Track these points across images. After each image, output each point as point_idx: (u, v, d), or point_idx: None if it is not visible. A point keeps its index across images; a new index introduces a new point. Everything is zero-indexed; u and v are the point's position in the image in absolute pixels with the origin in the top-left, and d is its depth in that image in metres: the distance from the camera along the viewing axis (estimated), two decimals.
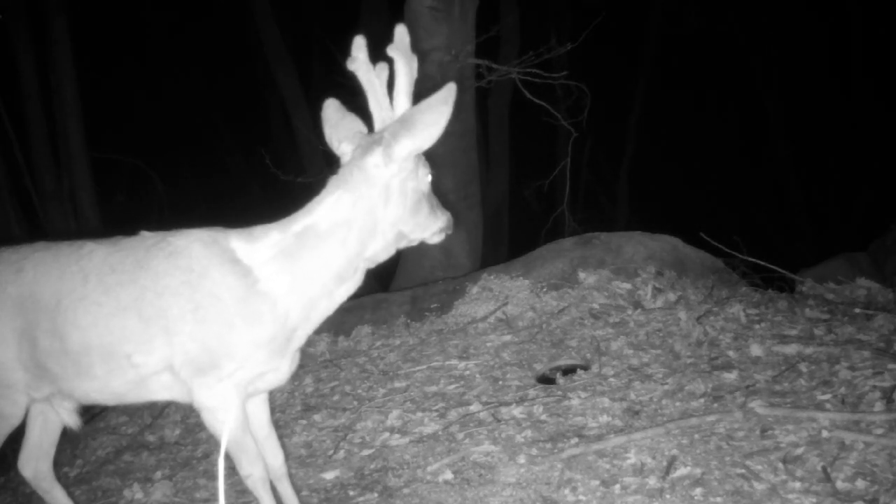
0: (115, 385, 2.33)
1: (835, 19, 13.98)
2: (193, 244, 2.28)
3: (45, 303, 2.29)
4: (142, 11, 12.01)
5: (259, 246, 2.28)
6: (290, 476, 3.01)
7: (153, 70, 12.82)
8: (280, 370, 2.37)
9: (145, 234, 2.39)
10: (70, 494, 2.82)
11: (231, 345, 2.24)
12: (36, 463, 2.58)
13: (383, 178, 2.26)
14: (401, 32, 2.31)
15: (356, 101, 2.38)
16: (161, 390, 2.36)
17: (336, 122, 2.36)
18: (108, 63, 11.51)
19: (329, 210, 2.29)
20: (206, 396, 2.28)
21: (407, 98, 2.30)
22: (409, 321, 4.45)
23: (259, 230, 2.33)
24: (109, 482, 3.30)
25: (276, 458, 2.57)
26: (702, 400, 3.09)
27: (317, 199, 2.33)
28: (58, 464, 3.14)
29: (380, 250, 2.34)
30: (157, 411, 3.91)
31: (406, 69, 2.29)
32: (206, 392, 2.27)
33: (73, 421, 2.57)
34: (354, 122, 2.35)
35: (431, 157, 2.38)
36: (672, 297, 4.12)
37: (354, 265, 2.32)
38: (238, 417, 2.32)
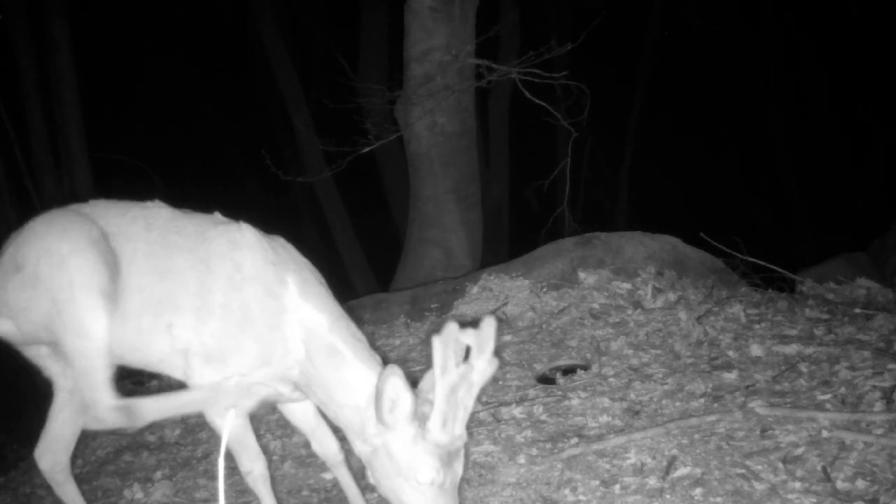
0: (153, 349, 2.35)
1: (835, 20, 13.99)
2: (257, 250, 2.31)
3: (121, 252, 2.33)
4: (141, 10, 12.00)
5: (308, 307, 2.29)
6: (291, 476, 3.02)
7: (153, 70, 12.81)
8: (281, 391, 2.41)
9: (219, 215, 2.46)
10: None
11: (242, 350, 2.27)
12: (54, 455, 2.56)
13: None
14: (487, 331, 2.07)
15: (355, 101, 2.38)
16: (173, 368, 2.38)
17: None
18: (109, 63, 11.51)
19: (345, 383, 2.25)
20: None
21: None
22: (409, 321, 4.46)
23: (323, 299, 2.34)
24: (109, 482, 3.30)
25: (330, 446, 2.60)
26: (702, 400, 3.09)
27: (362, 360, 2.26)
28: None
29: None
30: None
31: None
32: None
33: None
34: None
35: (432, 156, 2.34)
36: (672, 297, 4.12)
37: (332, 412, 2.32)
38: (239, 415, 2.33)
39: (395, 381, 2.04)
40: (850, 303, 4.11)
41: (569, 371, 3.60)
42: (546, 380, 3.57)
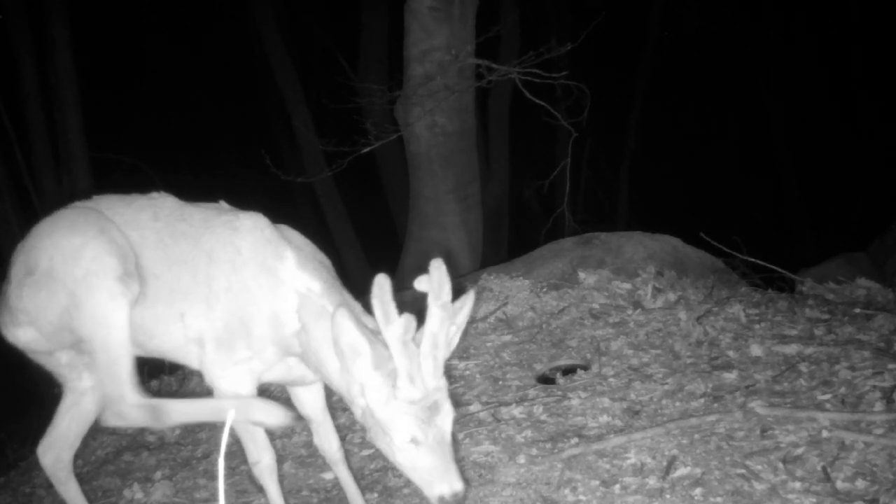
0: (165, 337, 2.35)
1: (835, 20, 13.99)
2: (255, 232, 2.33)
3: (133, 239, 2.35)
4: (142, 10, 12.01)
5: (305, 276, 2.29)
6: (291, 476, 3.02)
7: (153, 70, 12.81)
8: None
9: (224, 204, 2.48)
10: None
11: (247, 331, 2.27)
12: (58, 451, 2.56)
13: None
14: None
15: (355, 101, 2.38)
16: (189, 357, 2.39)
17: None
18: (109, 63, 11.51)
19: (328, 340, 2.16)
20: (220, 377, 2.31)
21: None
22: None
23: (320, 271, 2.33)
24: (109, 482, 3.30)
25: (331, 443, 2.60)
26: (702, 400, 3.09)
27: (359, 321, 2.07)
28: None
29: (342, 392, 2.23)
30: None
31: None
32: (220, 373, 2.30)
33: None
34: None
35: (432, 156, 2.34)
36: (672, 297, 4.12)
37: (318, 372, 2.30)
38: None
39: (345, 323, 1.97)
40: (850, 303, 4.11)
41: (569, 371, 3.60)
42: (546, 380, 3.57)
